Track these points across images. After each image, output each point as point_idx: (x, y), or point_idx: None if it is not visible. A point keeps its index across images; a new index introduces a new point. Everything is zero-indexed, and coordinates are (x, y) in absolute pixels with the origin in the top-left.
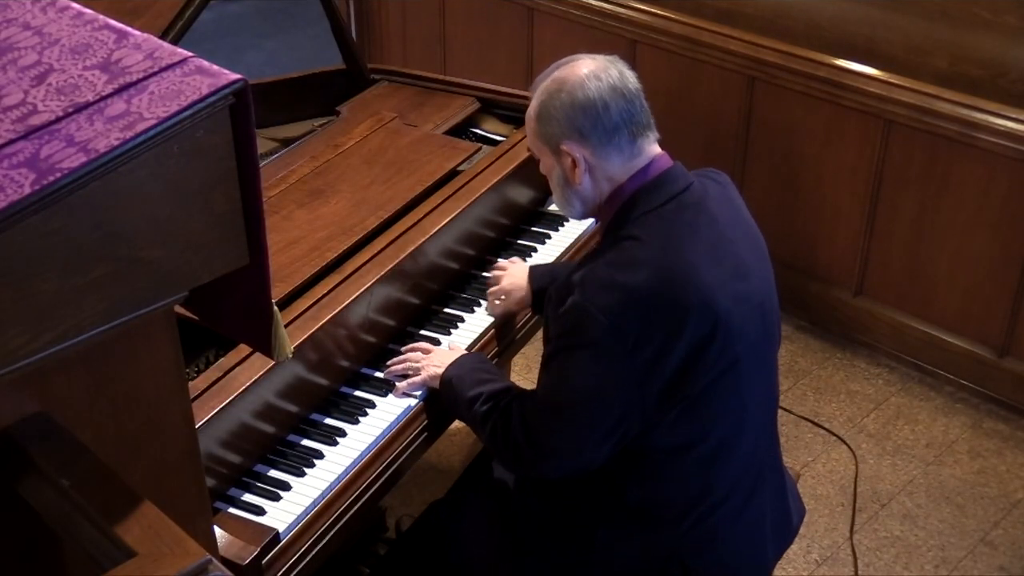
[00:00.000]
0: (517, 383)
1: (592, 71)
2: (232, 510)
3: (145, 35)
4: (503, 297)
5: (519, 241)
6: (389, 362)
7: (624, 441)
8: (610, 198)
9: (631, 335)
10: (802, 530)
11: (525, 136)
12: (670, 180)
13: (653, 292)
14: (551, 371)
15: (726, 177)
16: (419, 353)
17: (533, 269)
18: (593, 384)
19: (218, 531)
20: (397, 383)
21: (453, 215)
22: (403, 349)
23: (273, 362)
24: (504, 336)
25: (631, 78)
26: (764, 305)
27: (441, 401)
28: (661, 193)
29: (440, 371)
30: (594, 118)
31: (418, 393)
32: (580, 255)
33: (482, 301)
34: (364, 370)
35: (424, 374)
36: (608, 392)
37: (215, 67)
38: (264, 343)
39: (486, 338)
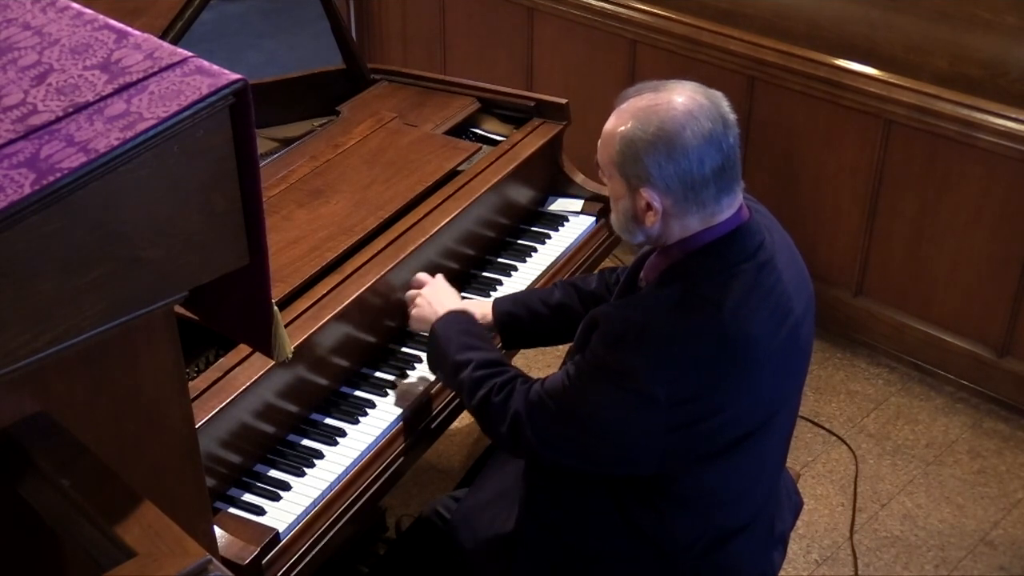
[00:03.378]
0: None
1: (694, 115)
2: (232, 510)
3: (145, 35)
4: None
5: (519, 241)
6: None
7: (630, 473)
8: (680, 242)
9: (681, 393)
10: (802, 530)
11: (525, 136)
12: (748, 235)
13: (714, 364)
14: (581, 387)
15: (763, 206)
16: (415, 291)
17: (496, 300)
18: (621, 420)
19: (218, 531)
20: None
21: (453, 215)
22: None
23: (273, 362)
24: None
25: (732, 124)
26: (806, 354)
27: (427, 350)
28: (738, 249)
29: (430, 317)
30: (684, 172)
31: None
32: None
33: (481, 300)
34: (364, 370)
35: (414, 310)
36: (634, 432)
37: (215, 67)
38: (264, 343)
39: None
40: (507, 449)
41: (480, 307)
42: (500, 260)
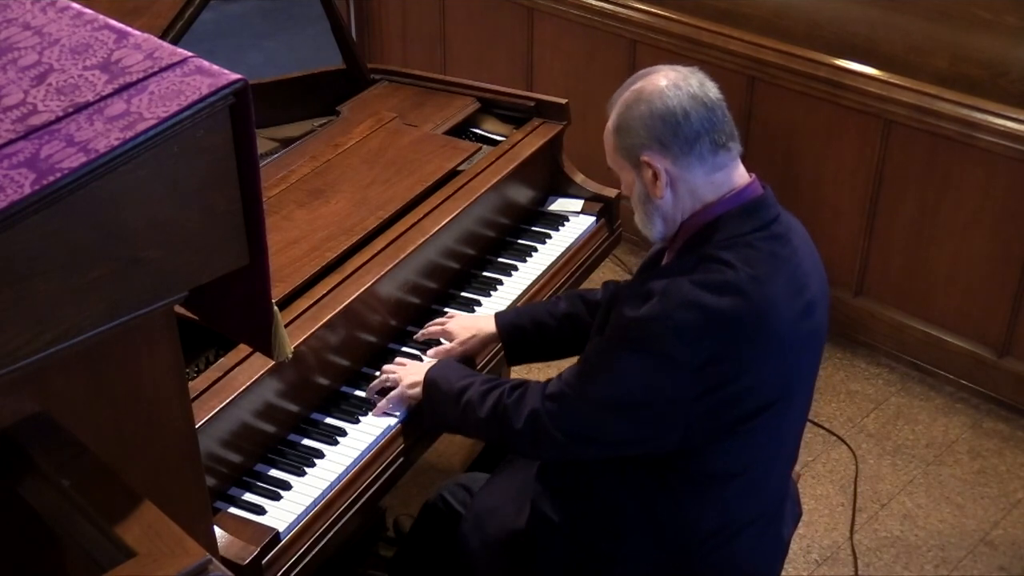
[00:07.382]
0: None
1: (671, 81)
2: (232, 510)
3: (145, 35)
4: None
5: (519, 241)
6: (370, 386)
7: (654, 450)
8: (694, 216)
9: (704, 354)
10: (802, 530)
11: (525, 136)
12: (763, 207)
13: (735, 320)
14: (605, 363)
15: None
16: (394, 365)
17: (498, 313)
18: (647, 389)
19: (218, 531)
20: (377, 403)
21: (453, 215)
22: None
23: (273, 362)
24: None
25: (712, 88)
26: (820, 338)
27: (424, 406)
28: (752, 219)
29: (419, 377)
30: (674, 126)
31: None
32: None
33: (482, 300)
34: (364, 370)
35: (403, 384)
36: (661, 401)
37: (215, 67)
38: (264, 343)
39: None
40: (525, 451)
41: (484, 322)
42: (500, 260)
